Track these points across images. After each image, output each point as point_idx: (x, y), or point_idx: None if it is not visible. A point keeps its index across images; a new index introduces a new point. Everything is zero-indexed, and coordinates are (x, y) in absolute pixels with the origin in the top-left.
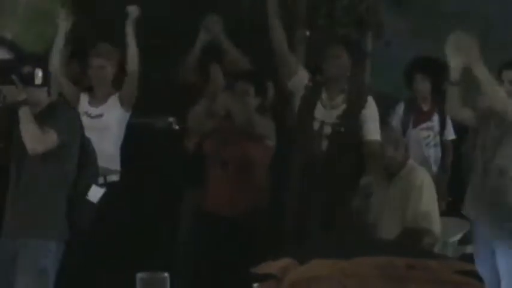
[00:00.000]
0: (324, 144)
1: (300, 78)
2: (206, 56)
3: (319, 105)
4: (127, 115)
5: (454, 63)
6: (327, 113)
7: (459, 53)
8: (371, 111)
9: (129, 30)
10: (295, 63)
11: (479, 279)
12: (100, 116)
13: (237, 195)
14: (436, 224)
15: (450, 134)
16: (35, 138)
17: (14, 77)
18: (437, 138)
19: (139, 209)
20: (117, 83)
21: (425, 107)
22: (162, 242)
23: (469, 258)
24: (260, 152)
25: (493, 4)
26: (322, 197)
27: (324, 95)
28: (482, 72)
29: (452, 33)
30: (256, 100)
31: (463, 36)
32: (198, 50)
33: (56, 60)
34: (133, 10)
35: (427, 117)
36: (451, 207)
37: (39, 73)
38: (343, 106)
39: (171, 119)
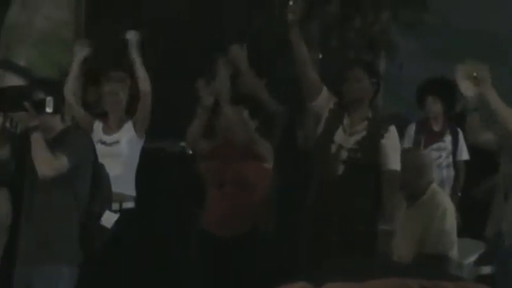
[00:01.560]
0: (341, 168)
1: (324, 100)
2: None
3: (339, 129)
4: (141, 141)
5: (466, 92)
6: (345, 138)
7: (470, 82)
8: (392, 141)
9: (134, 55)
10: (319, 83)
11: None
12: (115, 143)
13: (233, 215)
14: (454, 249)
15: (463, 155)
16: (45, 163)
17: (26, 103)
18: (450, 158)
19: (154, 233)
20: (130, 110)
21: (437, 127)
22: (178, 266)
23: (485, 279)
24: (257, 173)
25: (503, 23)
26: (337, 219)
27: (346, 121)
28: (494, 100)
29: (462, 62)
30: (254, 122)
31: (472, 65)
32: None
33: (70, 88)
34: (132, 35)
35: (439, 137)
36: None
37: (50, 100)
38: (364, 133)
39: (183, 144)
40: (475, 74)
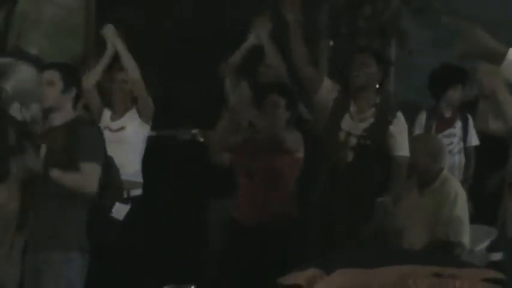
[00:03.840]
0: (350, 155)
1: (327, 90)
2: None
3: (346, 117)
4: (147, 127)
5: (486, 82)
6: (354, 125)
7: (488, 77)
8: (399, 127)
9: (117, 46)
10: (319, 76)
11: (506, 287)
12: (120, 129)
13: (262, 204)
14: (466, 235)
15: (473, 140)
16: (84, 186)
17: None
18: (461, 144)
19: (164, 221)
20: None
21: (447, 114)
22: (188, 254)
23: (496, 265)
24: (287, 163)
25: None
26: (347, 207)
27: (352, 108)
28: (504, 96)
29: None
30: (287, 113)
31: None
32: (244, 50)
33: (95, 79)
34: (108, 28)
35: (450, 124)
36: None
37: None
38: (371, 120)
39: (195, 131)
40: (492, 69)
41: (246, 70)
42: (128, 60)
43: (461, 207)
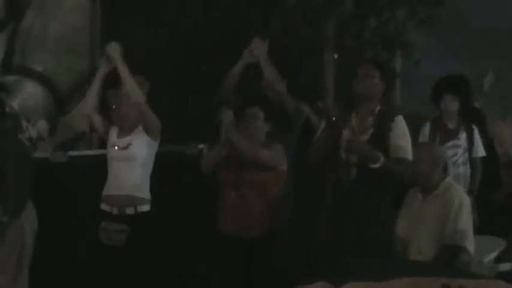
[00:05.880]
0: (353, 172)
1: None
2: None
3: (345, 134)
4: (155, 144)
5: (500, 151)
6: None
7: (503, 144)
8: (398, 131)
9: (119, 66)
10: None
11: None
12: (127, 146)
13: (250, 217)
14: (471, 242)
15: (479, 151)
16: None
17: None
18: (466, 155)
19: (171, 236)
20: None
21: (451, 125)
22: (196, 268)
23: (505, 276)
24: (272, 177)
25: None
26: (353, 223)
27: (354, 119)
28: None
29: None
30: (266, 126)
31: (503, 127)
32: (239, 70)
33: (92, 101)
34: (112, 47)
35: (454, 135)
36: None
37: None
38: (371, 130)
39: (201, 146)
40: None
41: (243, 87)
42: (130, 85)
43: (466, 214)
